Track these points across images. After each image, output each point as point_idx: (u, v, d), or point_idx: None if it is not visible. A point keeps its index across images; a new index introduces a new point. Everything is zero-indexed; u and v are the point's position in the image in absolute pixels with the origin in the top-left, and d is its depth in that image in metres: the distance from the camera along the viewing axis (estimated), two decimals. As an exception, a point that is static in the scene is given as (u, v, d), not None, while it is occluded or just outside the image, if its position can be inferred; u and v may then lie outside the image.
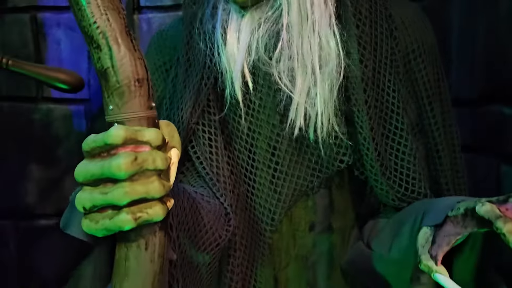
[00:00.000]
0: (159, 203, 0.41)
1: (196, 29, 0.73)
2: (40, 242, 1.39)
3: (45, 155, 1.36)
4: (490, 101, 0.98)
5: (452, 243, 0.52)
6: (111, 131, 0.39)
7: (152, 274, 0.43)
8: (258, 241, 0.75)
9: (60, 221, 0.53)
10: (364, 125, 0.68)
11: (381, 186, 0.69)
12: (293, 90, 0.66)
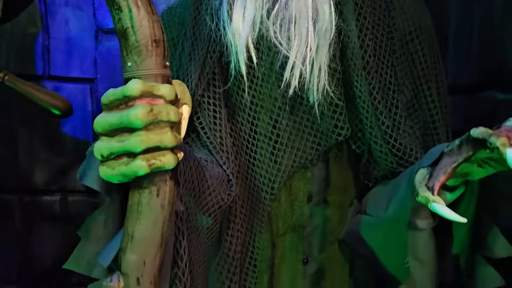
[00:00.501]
0: (171, 153, 0.45)
1: (204, 5, 0.77)
2: (43, 217, 1.43)
3: (50, 133, 1.39)
4: (485, 88, 1.02)
5: (449, 172, 0.55)
6: (129, 85, 0.44)
7: (162, 219, 0.47)
8: (258, 208, 0.80)
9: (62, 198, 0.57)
10: (363, 88, 0.72)
11: (380, 148, 0.73)
12: (289, 51, 0.69)
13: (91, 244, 0.53)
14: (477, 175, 0.58)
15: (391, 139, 0.74)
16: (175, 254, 0.56)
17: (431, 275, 0.68)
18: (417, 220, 0.65)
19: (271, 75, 0.75)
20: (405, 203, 0.64)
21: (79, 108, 1.37)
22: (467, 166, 0.56)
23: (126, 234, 0.47)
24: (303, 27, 0.69)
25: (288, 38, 0.71)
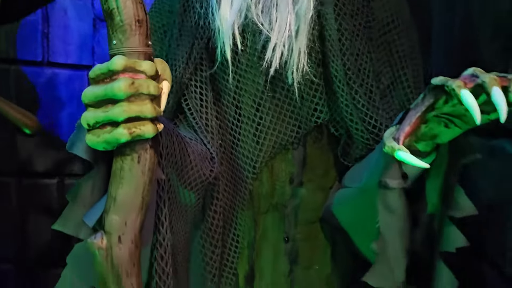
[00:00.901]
0: (151, 123, 0.50)
1: None
2: (40, 199, 1.48)
3: (48, 117, 1.44)
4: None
5: (413, 122, 0.58)
6: (113, 60, 0.48)
7: (143, 184, 0.52)
8: (240, 187, 0.84)
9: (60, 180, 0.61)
10: (339, 68, 0.76)
11: (356, 126, 0.77)
12: (271, 32, 0.74)
13: (78, 208, 0.58)
14: (445, 136, 0.61)
15: (366, 116, 0.77)
16: (157, 221, 0.61)
17: (401, 231, 0.70)
18: (388, 180, 0.67)
19: (255, 61, 0.80)
20: (377, 166, 0.67)
21: (77, 95, 1.42)
22: (435, 126, 0.59)
23: (110, 197, 0.52)
24: (284, 11, 0.74)
25: (270, 21, 0.75)
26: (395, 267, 0.69)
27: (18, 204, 1.48)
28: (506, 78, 0.52)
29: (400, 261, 0.69)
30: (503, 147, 0.87)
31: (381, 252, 0.69)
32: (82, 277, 0.58)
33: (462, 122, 0.59)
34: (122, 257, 0.51)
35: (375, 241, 0.69)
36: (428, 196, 0.68)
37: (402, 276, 0.68)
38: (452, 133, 0.61)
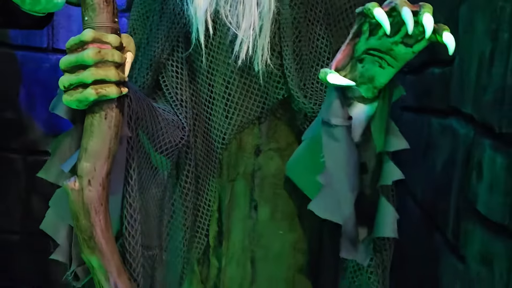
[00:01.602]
0: (115, 86, 0.61)
1: None
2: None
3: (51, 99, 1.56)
4: (427, 65, 1.15)
5: (343, 50, 0.64)
6: (84, 33, 0.59)
7: (109, 138, 0.62)
8: (212, 156, 0.95)
9: None
10: (289, 57, 0.86)
11: (305, 106, 0.87)
12: (238, 29, 0.84)
13: (58, 159, 0.69)
14: (381, 77, 0.68)
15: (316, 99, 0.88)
16: (126, 174, 0.72)
17: (346, 164, 0.73)
18: (332, 118, 0.71)
19: (225, 44, 0.90)
20: (321, 114, 0.72)
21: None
22: (370, 67, 0.66)
23: (82, 147, 0.63)
24: (249, 10, 0.84)
25: (237, 19, 0.85)
26: (341, 200, 0.74)
27: (24, 179, 1.60)
28: (419, 4, 0.61)
29: (347, 195, 0.74)
30: (451, 125, 0.96)
31: (326, 184, 0.74)
32: (61, 216, 0.69)
33: (392, 58, 0.66)
34: (91, 197, 0.62)
35: (320, 174, 0.74)
36: (375, 138, 0.74)
37: (349, 210, 0.74)
38: (386, 74, 0.67)
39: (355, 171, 0.74)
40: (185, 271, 0.98)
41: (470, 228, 0.82)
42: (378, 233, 0.73)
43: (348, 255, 0.76)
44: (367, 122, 0.74)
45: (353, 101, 0.72)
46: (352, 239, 0.75)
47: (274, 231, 0.98)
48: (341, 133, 0.71)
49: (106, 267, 0.64)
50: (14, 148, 1.57)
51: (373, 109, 0.73)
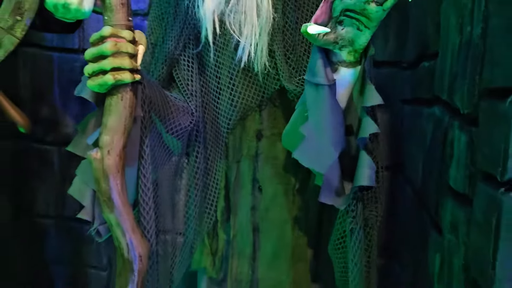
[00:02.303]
0: (129, 72, 0.74)
1: None
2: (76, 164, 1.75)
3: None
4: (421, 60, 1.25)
5: (322, 6, 0.69)
6: (103, 29, 0.72)
7: (124, 116, 0.76)
8: (219, 140, 1.07)
9: None
10: (280, 57, 0.97)
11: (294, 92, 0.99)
12: (240, 36, 0.96)
13: (84, 136, 0.82)
14: (360, 39, 0.73)
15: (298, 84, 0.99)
16: (140, 149, 0.85)
17: (329, 117, 0.79)
18: (315, 78, 0.77)
19: (231, 43, 1.02)
20: (306, 74, 0.79)
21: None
22: (350, 30, 0.72)
23: (103, 124, 0.76)
24: (250, 20, 0.96)
25: (240, 27, 0.97)
26: (323, 151, 0.82)
27: (59, 168, 1.76)
28: None
29: (329, 148, 0.81)
30: (434, 112, 1.06)
31: (308, 135, 0.82)
32: (86, 183, 0.83)
33: (367, 19, 0.71)
34: (110, 165, 0.75)
35: (303, 125, 0.82)
36: (355, 98, 0.83)
37: (330, 161, 0.82)
38: (364, 36, 0.73)
39: (338, 129, 0.81)
40: (196, 244, 1.10)
41: (444, 202, 0.92)
42: (357, 182, 0.82)
43: (327, 200, 0.85)
44: (352, 87, 0.82)
45: (337, 66, 0.79)
46: (333, 188, 0.84)
47: (275, 207, 1.10)
48: (324, 92, 0.78)
49: (122, 225, 0.77)
50: (50, 141, 1.72)
51: (356, 73, 0.80)
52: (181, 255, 1.07)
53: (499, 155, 0.63)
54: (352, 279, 0.95)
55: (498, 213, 0.64)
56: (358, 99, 0.82)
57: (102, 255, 1.78)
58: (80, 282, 1.78)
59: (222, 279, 1.16)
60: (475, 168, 0.75)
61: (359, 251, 0.93)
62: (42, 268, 1.76)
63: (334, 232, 0.97)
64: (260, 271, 1.11)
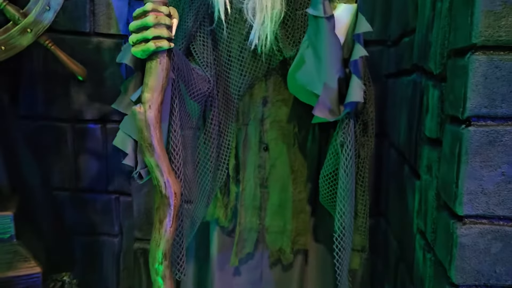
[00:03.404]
0: (166, 41, 0.92)
1: None
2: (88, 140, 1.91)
3: (95, 75, 1.87)
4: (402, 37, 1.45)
5: None
6: (146, 5, 0.91)
7: (162, 77, 0.94)
8: (230, 105, 1.26)
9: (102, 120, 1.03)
10: (282, 38, 1.16)
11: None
12: (253, 21, 1.14)
13: (127, 95, 1.00)
14: None
15: None
16: (171, 107, 1.03)
17: (328, 43, 0.92)
18: (314, 11, 0.91)
19: (241, 21, 1.20)
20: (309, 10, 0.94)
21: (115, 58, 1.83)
22: None
23: (144, 84, 0.94)
24: (263, 7, 1.13)
25: (254, 12, 1.15)
26: (321, 74, 0.96)
27: (72, 144, 1.90)
28: None
29: (326, 71, 0.95)
30: (413, 78, 1.26)
31: (308, 60, 0.98)
32: (128, 134, 1.01)
33: None
34: (151, 117, 0.94)
35: (304, 51, 0.98)
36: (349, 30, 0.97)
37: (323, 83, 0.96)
38: None
39: (334, 56, 0.95)
40: (212, 195, 1.29)
41: (422, 150, 1.12)
42: (348, 99, 0.97)
43: (319, 113, 0.98)
44: (349, 22, 0.95)
45: (336, 3, 0.95)
46: (327, 107, 0.98)
47: (280, 164, 1.29)
48: (323, 24, 0.91)
49: (161, 166, 0.96)
50: (64, 118, 1.87)
51: (353, 9, 0.95)
52: (199, 203, 1.26)
53: (460, 99, 0.84)
54: (341, 198, 1.05)
55: (460, 144, 0.84)
56: (352, 31, 0.96)
57: (114, 224, 1.95)
58: (94, 248, 1.96)
59: (231, 229, 1.35)
60: (444, 115, 0.95)
61: (350, 164, 1.04)
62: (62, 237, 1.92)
63: (326, 162, 1.11)
64: (267, 220, 1.31)
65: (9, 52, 1.32)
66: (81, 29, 1.80)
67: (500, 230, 0.82)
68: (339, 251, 1.04)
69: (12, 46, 1.32)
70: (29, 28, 1.33)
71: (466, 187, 0.82)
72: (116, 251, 1.98)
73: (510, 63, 0.77)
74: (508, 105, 0.78)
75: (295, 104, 1.24)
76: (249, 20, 1.15)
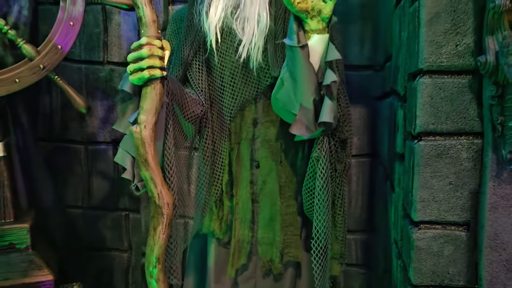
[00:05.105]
0: (159, 69, 1.07)
1: (194, 8, 1.39)
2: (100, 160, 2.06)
3: (107, 100, 2.04)
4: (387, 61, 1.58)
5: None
6: (141, 39, 1.06)
7: (156, 101, 1.09)
8: (223, 126, 1.40)
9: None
10: (271, 55, 1.30)
11: None
12: (242, 36, 1.29)
13: (124, 118, 1.15)
14: (325, 9, 0.98)
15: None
16: (165, 127, 1.17)
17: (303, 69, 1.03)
18: (290, 41, 1.01)
19: (231, 48, 1.35)
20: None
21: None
22: (317, 2, 0.97)
23: (140, 107, 1.09)
24: (252, 24, 1.29)
25: (243, 29, 1.30)
26: (296, 95, 1.08)
27: (86, 165, 2.04)
28: None
29: (302, 93, 1.06)
30: (390, 100, 1.38)
31: (285, 82, 1.10)
32: (127, 151, 1.15)
33: None
34: (146, 136, 1.08)
35: (282, 75, 1.10)
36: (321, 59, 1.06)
37: (299, 104, 1.08)
38: (329, 6, 0.98)
39: (309, 80, 1.05)
40: (206, 209, 1.42)
41: (395, 165, 1.24)
42: (320, 119, 1.08)
43: (296, 131, 1.09)
44: (322, 50, 1.04)
45: (310, 34, 1.05)
46: (304, 125, 1.10)
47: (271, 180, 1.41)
48: (297, 52, 1.01)
49: (154, 179, 1.10)
50: (79, 140, 2.04)
51: (325, 39, 1.03)
52: (194, 215, 1.39)
53: (412, 117, 0.96)
54: (317, 208, 1.16)
55: (413, 157, 0.96)
56: (324, 58, 1.06)
57: (124, 240, 2.09)
58: (104, 262, 2.09)
59: (227, 241, 1.47)
60: (406, 132, 1.07)
61: (325, 177, 1.15)
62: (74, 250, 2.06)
63: (306, 176, 1.23)
64: (259, 232, 1.42)
65: (22, 84, 1.50)
66: (95, 59, 2.00)
67: (451, 234, 0.93)
68: (317, 256, 1.15)
69: (25, 80, 1.50)
70: (42, 64, 1.51)
71: (419, 196, 0.94)
72: (125, 266, 2.10)
73: (451, 85, 0.89)
74: (452, 121, 0.90)
75: (282, 124, 1.37)
76: (239, 35, 1.29)
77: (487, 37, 0.81)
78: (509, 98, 0.81)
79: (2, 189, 1.58)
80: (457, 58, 0.87)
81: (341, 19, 1.75)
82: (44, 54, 1.52)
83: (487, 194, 0.88)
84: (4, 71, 1.49)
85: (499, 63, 0.79)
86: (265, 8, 1.29)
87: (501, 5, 0.76)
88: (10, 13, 1.64)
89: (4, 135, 1.63)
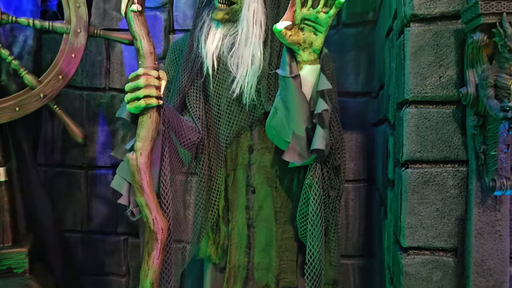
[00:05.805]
0: (155, 98, 1.11)
1: (192, 39, 1.44)
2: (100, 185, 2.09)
3: (108, 126, 2.08)
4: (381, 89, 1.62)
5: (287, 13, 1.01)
6: (138, 69, 1.11)
7: (152, 129, 1.13)
8: (219, 152, 1.44)
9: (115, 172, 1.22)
10: (263, 94, 1.34)
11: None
12: (236, 73, 1.34)
13: (122, 145, 1.19)
14: (317, 41, 1.04)
15: None
16: (161, 154, 1.21)
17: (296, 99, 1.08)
18: (283, 72, 1.10)
19: (226, 82, 1.40)
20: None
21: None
22: (309, 35, 1.02)
23: (137, 134, 1.13)
24: (245, 63, 1.34)
25: (237, 67, 1.35)
26: (289, 124, 1.12)
27: (85, 189, 2.06)
28: None
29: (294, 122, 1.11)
30: (383, 128, 1.42)
31: (279, 111, 1.15)
32: (123, 177, 1.19)
33: (319, 25, 1.02)
34: (142, 163, 1.12)
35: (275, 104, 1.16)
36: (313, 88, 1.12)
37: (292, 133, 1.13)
38: (320, 39, 1.04)
39: (301, 109, 1.10)
40: (202, 233, 1.45)
41: (387, 192, 1.27)
42: (312, 146, 1.12)
43: (289, 158, 1.15)
44: (314, 80, 1.12)
45: (302, 65, 1.10)
46: (297, 152, 1.14)
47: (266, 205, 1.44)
48: (289, 83, 1.06)
49: (149, 205, 1.13)
50: (79, 165, 2.07)
51: (317, 69, 1.08)
52: (190, 240, 1.41)
53: (400, 145, 0.99)
54: (310, 233, 1.19)
55: (401, 183, 0.99)
56: (315, 88, 1.12)
57: (122, 264, 2.10)
58: (102, 287, 2.10)
59: (223, 266, 1.49)
60: (396, 159, 1.10)
61: (318, 203, 1.19)
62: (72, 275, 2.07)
63: (300, 202, 1.27)
64: (255, 257, 1.45)
65: (23, 112, 1.56)
66: (97, 86, 2.04)
67: (439, 260, 0.95)
68: (310, 282, 1.17)
69: (25, 108, 1.55)
70: (43, 93, 1.56)
71: (408, 222, 0.96)
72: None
73: (436, 115, 0.93)
74: (438, 150, 0.93)
75: (277, 151, 1.40)
76: (233, 72, 1.33)
77: (467, 70, 0.85)
78: (490, 128, 0.84)
79: (2, 214, 1.62)
80: (441, 89, 0.91)
81: (337, 48, 1.83)
82: (46, 83, 1.57)
83: (472, 221, 0.91)
84: (6, 99, 1.54)
85: (479, 94, 0.83)
86: (259, 49, 1.33)
87: (479, 40, 0.80)
88: (16, 43, 1.71)
89: (5, 160, 1.67)
